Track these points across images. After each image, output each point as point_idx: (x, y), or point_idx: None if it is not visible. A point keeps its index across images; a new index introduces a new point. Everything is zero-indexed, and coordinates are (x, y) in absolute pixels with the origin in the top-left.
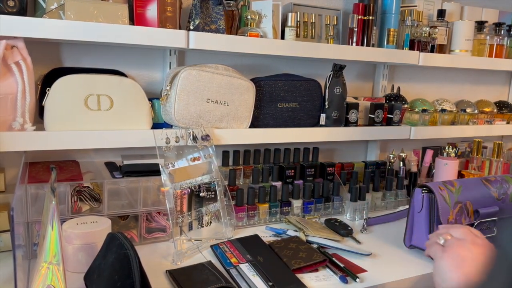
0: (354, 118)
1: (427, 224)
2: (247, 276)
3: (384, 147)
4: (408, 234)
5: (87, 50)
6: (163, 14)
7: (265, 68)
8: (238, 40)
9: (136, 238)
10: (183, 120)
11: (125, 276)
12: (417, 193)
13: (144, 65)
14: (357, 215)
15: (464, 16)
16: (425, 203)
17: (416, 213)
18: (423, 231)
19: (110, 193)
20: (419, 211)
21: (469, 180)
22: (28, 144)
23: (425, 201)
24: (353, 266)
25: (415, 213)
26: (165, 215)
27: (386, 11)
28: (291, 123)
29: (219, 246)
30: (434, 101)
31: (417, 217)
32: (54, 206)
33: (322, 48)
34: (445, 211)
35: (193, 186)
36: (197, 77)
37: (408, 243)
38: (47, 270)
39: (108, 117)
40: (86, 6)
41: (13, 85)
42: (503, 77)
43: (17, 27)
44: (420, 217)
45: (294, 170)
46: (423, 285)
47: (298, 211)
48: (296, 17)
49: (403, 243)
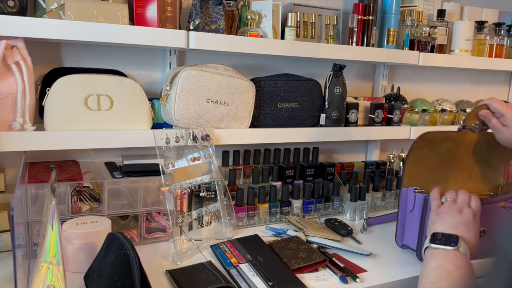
0: (354, 118)
1: (418, 225)
2: (247, 276)
3: (384, 147)
4: (399, 234)
5: (87, 50)
6: (163, 14)
7: (265, 68)
8: (238, 40)
9: (136, 238)
10: (183, 120)
11: (125, 276)
12: (408, 192)
13: (144, 65)
14: (357, 215)
15: (464, 16)
16: (417, 202)
17: (408, 212)
18: (415, 230)
19: (110, 193)
20: (411, 210)
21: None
22: (28, 144)
23: (418, 201)
24: (353, 266)
25: (406, 213)
26: (165, 215)
27: (386, 11)
28: (291, 123)
29: (219, 246)
30: (434, 101)
31: (409, 217)
32: (54, 206)
33: (322, 48)
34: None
35: (193, 186)
36: (197, 77)
37: (400, 243)
38: (47, 270)
39: (108, 117)
40: (86, 6)
41: (13, 85)
42: (503, 77)
43: (17, 27)
44: (412, 217)
45: (294, 170)
46: None
47: (298, 211)
48: (296, 17)
49: (395, 242)
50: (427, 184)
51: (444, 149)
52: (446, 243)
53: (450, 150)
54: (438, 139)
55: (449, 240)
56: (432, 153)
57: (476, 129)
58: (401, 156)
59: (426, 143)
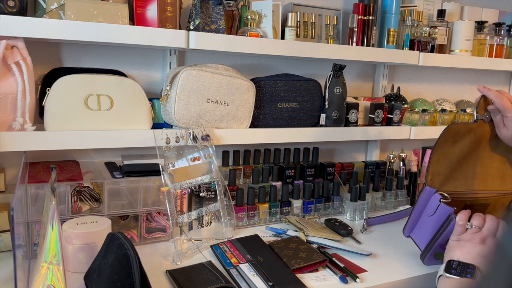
0: (354, 118)
1: (434, 231)
2: (247, 276)
3: (384, 147)
4: (409, 226)
5: (87, 50)
6: (163, 14)
7: (265, 68)
8: (238, 40)
9: (136, 238)
10: (183, 120)
11: (125, 276)
12: (432, 196)
13: (144, 65)
14: (357, 215)
15: (464, 16)
16: (439, 212)
17: (426, 215)
18: (427, 234)
19: (110, 193)
20: (430, 215)
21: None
22: (28, 144)
23: (440, 211)
24: (353, 266)
25: (425, 214)
26: (165, 215)
27: (386, 11)
28: (291, 123)
29: (219, 246)
30: (434, 101)
31: (426, 219)
32: (54, 206)
33: (322, 48)
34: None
35: (193, 186)
36: (197, 77)
37: (407, 233)
38: (47, 270)
39: (108, 117)
40: (86, 6)
41: (13, 85)
42: (503, 77)
43: (17, 27)
44: (429, 221)
45: (294, 170)
46: (423, 285)
47: (298, 211)
48: (296, 17)
49: (402, 232)
50: (448, 182)
51: (467, 143)
52: (462, 273)
53: (471, 145)
54: (461, 131)
55: (465, 270)
56: (455, 148)
57: (487, 120)
58: (401, 156)
59: (451, 136)
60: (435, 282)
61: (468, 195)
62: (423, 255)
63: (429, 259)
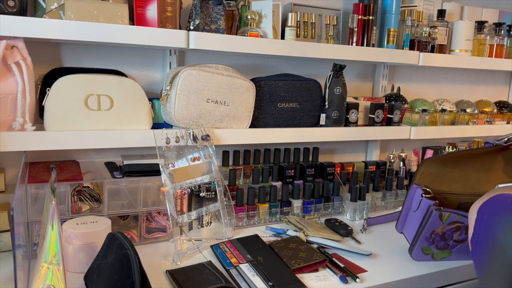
0: (354, 118)
1: (417, 226)
2: (247, 276)
3: (384, 147)
4: (400, 222)
5: (87, 50)
6: (163, 14)
7: (265, 68)
8: (238, 40)
9: (136, 238)
10: (183, 120)
11: (125, 276)
12: (416, 192)
13: (144, 65)
14: (357, 215)
15: (464, 16)
16: (421, 206)
17: (411, 210)
18: (414, 229)
19: (110, 193)
20: (414, 210)
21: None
22: (28, 144)
23: (422, 205)
24: (353, 266)
25: (411, 210)
26: (165, 215)
27: (386, 11)
28: (291, 123)
29: (219, 246)
30: (434, 101)
31: (412, 214)
32: (54, 206)
33: (322, 48)
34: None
35: (193, 186)
36: (197, 77)
37: (400, 229)
38: (47, 270)
39: (108, 117)
40: (86, 6)
41: (13, 85)
42: (503, 77)
43: (17, 27)
44: (414, 216)
45: (294, 170)
46: (423, 285)
47: (298, 211)
48: (296, 17)
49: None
50: (440, 183)
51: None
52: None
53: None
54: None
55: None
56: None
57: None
58: (401, 156)
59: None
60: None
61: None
62: (410, 249)
63: (416, 253)
